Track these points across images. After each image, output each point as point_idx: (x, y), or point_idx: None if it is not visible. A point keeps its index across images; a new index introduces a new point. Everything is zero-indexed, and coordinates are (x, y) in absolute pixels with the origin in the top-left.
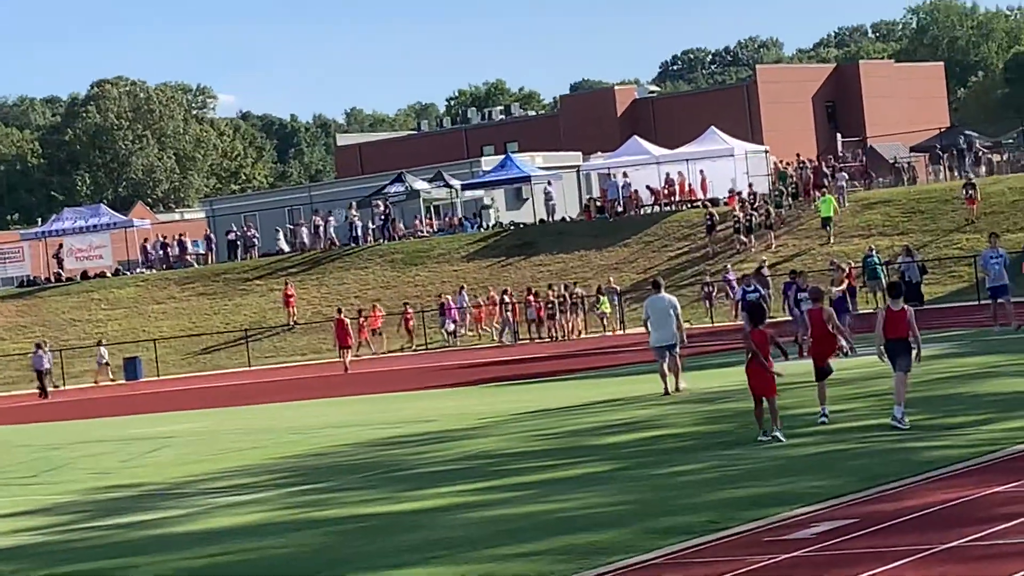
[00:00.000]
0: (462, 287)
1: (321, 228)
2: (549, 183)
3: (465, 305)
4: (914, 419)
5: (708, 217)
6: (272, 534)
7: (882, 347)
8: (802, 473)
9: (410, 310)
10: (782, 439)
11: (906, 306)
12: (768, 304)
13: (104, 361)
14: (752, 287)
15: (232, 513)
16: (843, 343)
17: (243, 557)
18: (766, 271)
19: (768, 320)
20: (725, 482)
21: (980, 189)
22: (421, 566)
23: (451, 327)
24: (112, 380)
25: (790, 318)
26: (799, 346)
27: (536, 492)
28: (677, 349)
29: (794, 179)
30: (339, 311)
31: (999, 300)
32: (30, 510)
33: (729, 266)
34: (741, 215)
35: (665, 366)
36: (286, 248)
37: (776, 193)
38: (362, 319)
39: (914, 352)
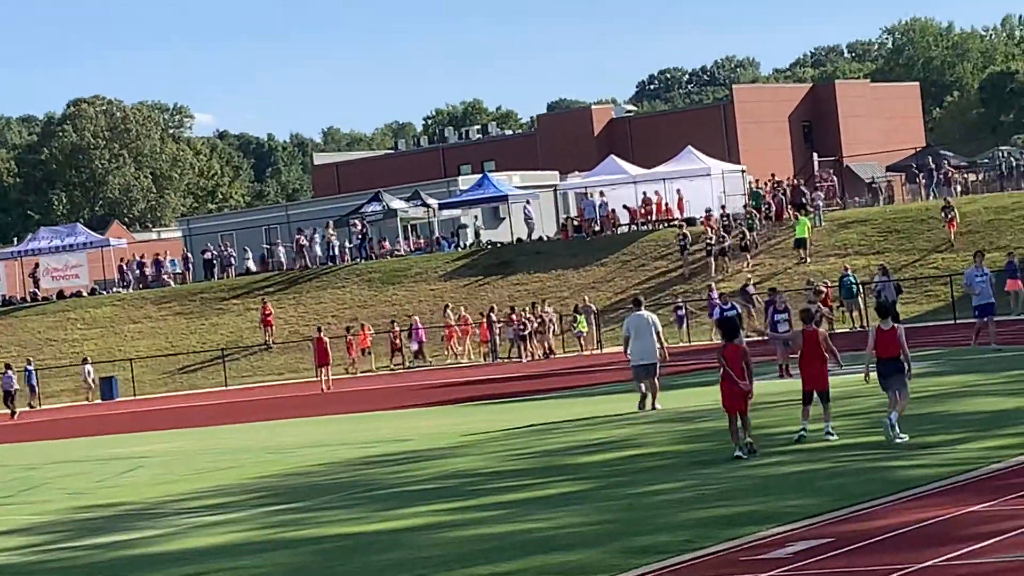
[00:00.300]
0: (447, 305)
1: (306, 247)
2: (528, 203)
3: (453, 323)
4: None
5: (681, 238)
6: (248, 554)
7: (870, 366)
8: (778, 493)
9: (397, 328)
10: (755, 448)
11: (896, 325)
12: (743, 322)
13: (91, 377)
14: (729, 305)
15: (208, 533)
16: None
17: None
18: (751, 289)
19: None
20: (701, 501)
21: (956, 210)
22: None
23: (414, 347)
24: (89, 400)
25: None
26: (779, 366)
27: (512, 512)
28: (657, 368)
29: (767, 200)
30: (319, 330)
31: (984, 319)
32: (6, 530)
33: (713, 284)
34: (714, 237)
35: (643, 385)
36: (253, 268)
37: (747, 216)
38: (350, 337)
39: (906, 369)
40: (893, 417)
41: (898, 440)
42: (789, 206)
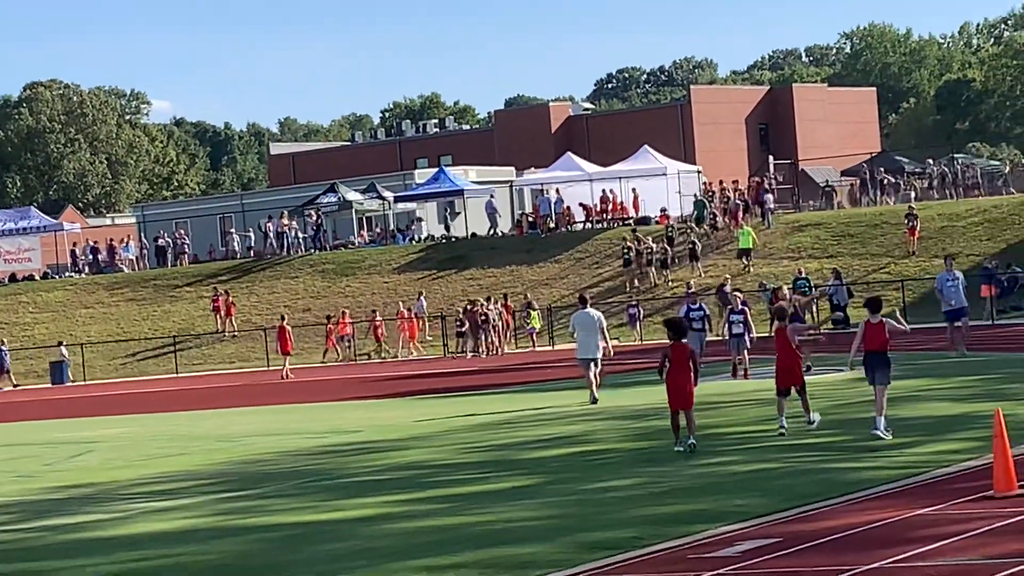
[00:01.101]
0: (421, 293)
1: (272, 233)
2: (492, 196)
3: (424, 314)
4: (840, 440)
5: (625, 251)
6: (195, 541)
7: (854, 359)
8: (727, 491)
9: (379, 317)
10: (695, 448)
11: (884, 319)
12: (710, 323)
13: (68, 362)
14: (697, 305)
15: (155, 519)
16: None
17: (164, 563)
18: (728, 288)
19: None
20: (651, 498)
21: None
22: (347, 575)
23: (345, 341)
24: (72, 381)
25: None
26: (732, 366)
27: (463, 504)
28: (600, 361)
29: (711, 210)
30: (282, 318)
31: (956, 324)
32: None
33: (691, 283)
34: (654, 247)
35: (591, 375)
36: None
37: (687, 228)
38: (331, 325)
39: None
40: (880, 422)
41: (885, 438)
42: (748, 207)
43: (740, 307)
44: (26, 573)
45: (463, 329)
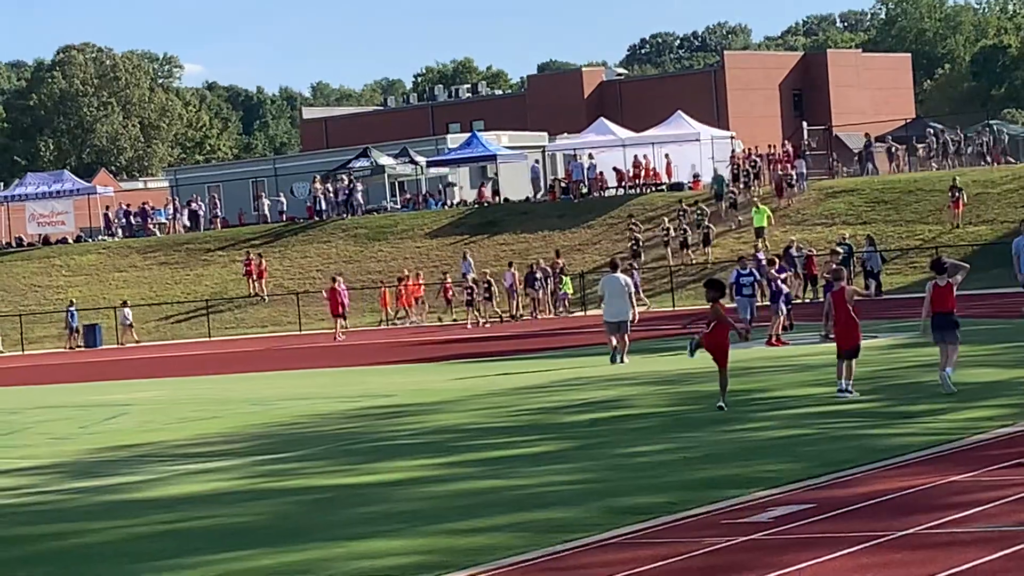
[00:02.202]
0: (465, 253)
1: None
2: (537, 161)
3: (471, 271)
4: (875, 407)
5: (632, 243)
6: (229, 503)
7: (928, 322)
8: (761, 457)
9: (449, 280)
10: (723, 408)
11: (951, 279)
12: (758, 289)
13: (128, 322)
14: (747, 270)
15: (189, 481)
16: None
17: (198, 525)
18: (793, 249)
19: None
20: (684, 464)
21: (944, 181)
22: (381, 538)
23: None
24: (137, 342)
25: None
26: (737, 333)
27: (496, 468)
28: (628, 325)
29: (729, 185)
30: (333, 279)
31: None
32: None
33: (759, 244)
34: (671, 228)
35: (614, 338)
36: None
37: (720, 197)
38: (402, 287)
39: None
40: (948, 372)
41: (949, 392)
42: (781, 172)
43: (749, 269)
44: (61, 534)
45: (471, 298)
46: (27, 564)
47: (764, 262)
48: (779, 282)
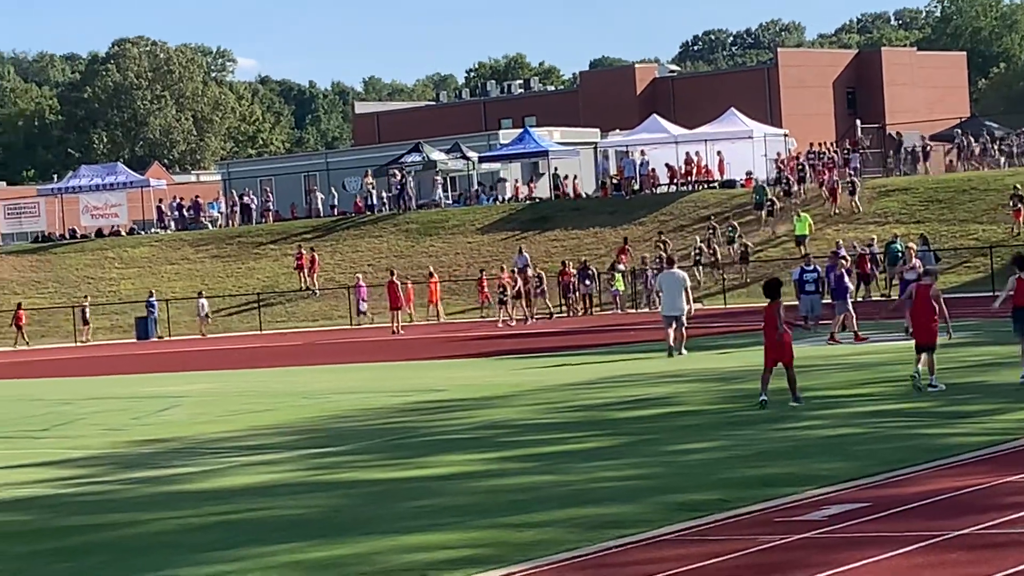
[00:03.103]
0: (520, 248)
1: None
2: (607, 157)
3: (528, 264)
4: (929, 406)
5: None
6: (282, 495)
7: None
8: (815, 455)
9: (486, 276)
10: (800, 399)
11: None
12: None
13: (205, 312)
14: (812, 267)
15: (242, 473)
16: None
17: (251, 516)
18: (898, 243)
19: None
20: (737, 461)
21: (999, 181)
22: (431, 532)
23: (363, 307)
24: (205, 334)
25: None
26: (803, 329)
27: (548, 463)
28: (684, 319)
29: (768, 195)
30: (392, 273)
31: None
32: (42, 462)
33: (840, 242)
34: (703, 246)
35: (671, 331)
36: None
37: (759, 205)
38: (488, 279)
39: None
40: None
41: None
42: (827, 174)
43: (813, 266)
44: (115, 524)
45: (505, 296)
46: (81, 554)
47: (844, 257)
48: (847, 279)
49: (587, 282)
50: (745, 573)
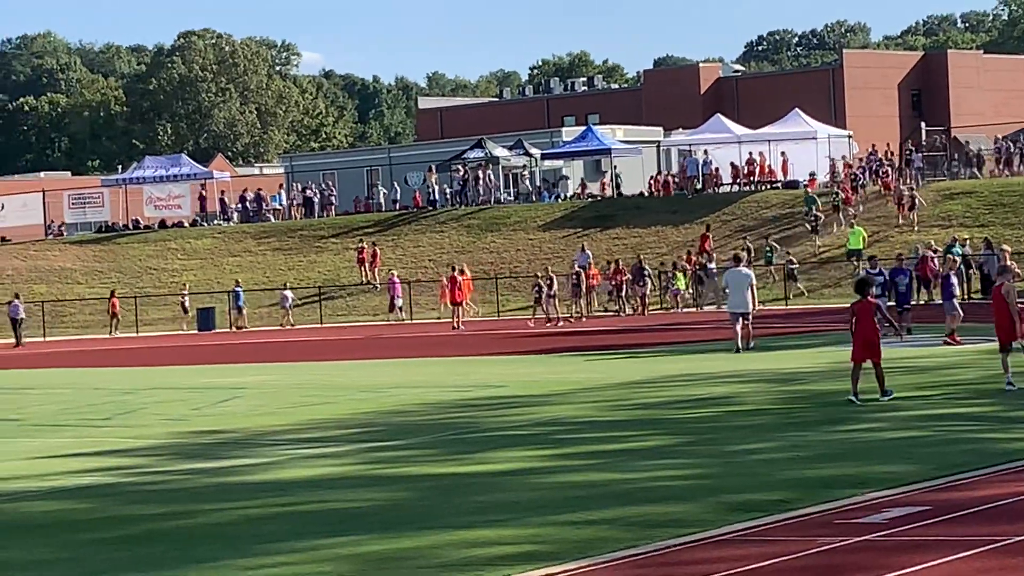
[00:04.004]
0: (583, 246)
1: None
2: (706, 152)
3: (589, 263)
4: (992, 410)
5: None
6: (343, 488)
7: None
8: (876, 458)
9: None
10: (889, 391)
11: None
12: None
13: (289, 304)
14: (877, 270)
15: (302, 465)
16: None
17: (312, 508)
18: (968, 248)
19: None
20: (797, 462)
21: None
22: (490, 527)
23: (399, 302)
24: (292, 324)
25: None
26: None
27: (607, 461)
28: (750, 316)
29: (816, 206)
30: (453, 268)
31: None
32: (104, 451)
33: (920, 246)
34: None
35: (738, 327)
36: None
37: (808, 214)
38: (460, 280)
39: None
40: None
41: None
42: (894, 174)
43: (879, 268)
44: (175, 514)
45: (540, 295)
46: (142, 543)
47: (954, 258)
48: (953, 279)
49: (641, 282)
50: (804, 575)
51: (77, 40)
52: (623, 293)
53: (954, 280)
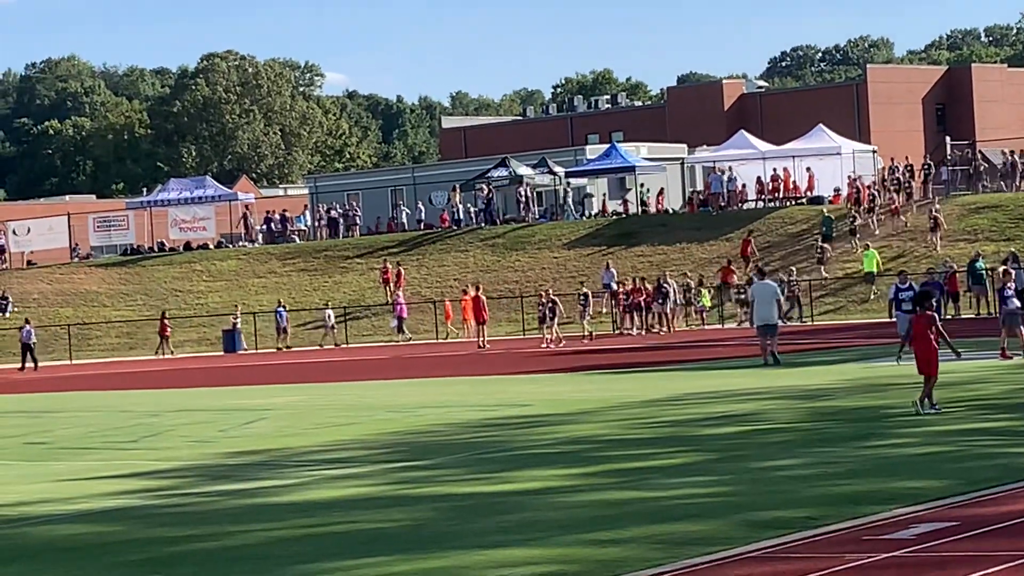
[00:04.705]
0: (608, 264)
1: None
2: (730, 168)
3: (615, 279)
4: (1018, 425)
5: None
6: (368, 508)
7: None
8: (903, 474)
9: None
10: (926, 412)
11: None
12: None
13: (331, 324)
14: (907, 284)
15: (328, 487)
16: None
17: (337, 529)
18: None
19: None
20: (824, 479)
21: None
22: (517, 547)
23: (394, 323)
24: (336, 344)
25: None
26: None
27: (632, 479)
28: (776, 329)
29: (833, 228)
30: (476, 287)
31: None
32: (132, 474)
33: (949, 259)
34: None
35: (766, 340)
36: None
37: (818, 245)
38: (465, 300)
39: None
40: None
41: None
42: (916, 185)
43: (908, 283)
44: (202, 536)
45: (543, 314)
46: (168, 564)
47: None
48: (1009, 292)
49: (660, 300)
50: None
51: (101, 63)
52: (642, 311)
53: (1009, 292)
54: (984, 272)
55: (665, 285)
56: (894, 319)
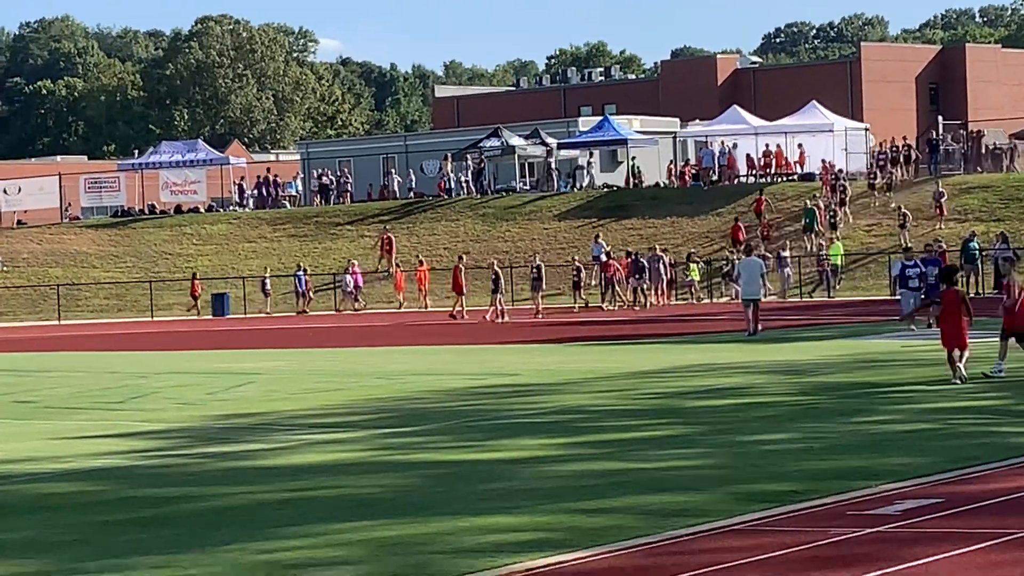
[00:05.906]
0: (598, 235)
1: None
2: (735, 146)
3: (603, 254)
4: (1005, 404)
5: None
6: (355, 473)
7: None
8: (889, 450)
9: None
10: (957, 382)
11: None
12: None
13: (350, 289)
14: (913, 262)
15: (315, 451)
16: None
17: (324, 494)
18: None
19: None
20: (810, 454)
21: None
22: (503, 515)
23: (350, 290)
24: (356, 310)
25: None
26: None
27: (619, 450)
28: (758, 304)
29: (817, 222)
30: (460, 258)
31: None
32: (118, 434)
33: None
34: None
35: (750, 313)
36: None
37: (804, 226)
38: (420, 272)
39: None
40: None
41: None
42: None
43: (914, 261)
44: (188, 498)
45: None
46: (155, 525)
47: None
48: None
49: (637, 275)
50: (815, 565)
51: (95, 24)
52: (612, 286)
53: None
54: (978, 251)
55: (641, 260)
56: (898, 296)
